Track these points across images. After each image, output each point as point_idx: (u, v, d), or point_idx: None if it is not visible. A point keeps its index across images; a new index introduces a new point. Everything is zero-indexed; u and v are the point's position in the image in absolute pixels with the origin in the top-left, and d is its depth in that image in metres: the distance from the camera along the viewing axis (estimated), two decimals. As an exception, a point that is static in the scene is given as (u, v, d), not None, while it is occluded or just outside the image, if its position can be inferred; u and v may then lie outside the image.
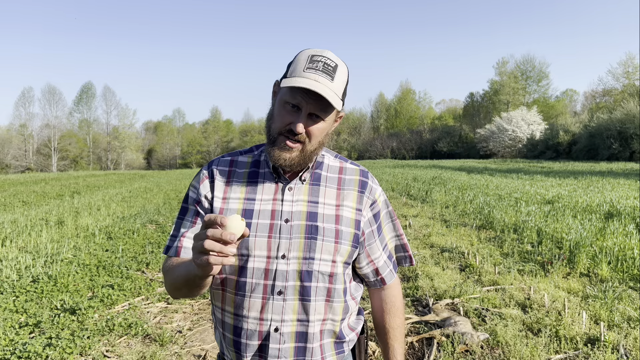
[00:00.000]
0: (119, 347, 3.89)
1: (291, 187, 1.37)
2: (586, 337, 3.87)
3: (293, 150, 1.29)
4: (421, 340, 3.94)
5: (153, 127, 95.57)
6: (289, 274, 1.31)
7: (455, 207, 11.25)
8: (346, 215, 1.38)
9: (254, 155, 1.45)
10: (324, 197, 1.38)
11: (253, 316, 1.32)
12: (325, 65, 1.26)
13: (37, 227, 8.94)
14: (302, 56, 1.28)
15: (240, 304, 1.33)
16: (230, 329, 1.37)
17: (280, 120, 1.29)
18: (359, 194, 1.42)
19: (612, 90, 55.38)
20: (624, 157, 37.39)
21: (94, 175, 35.53)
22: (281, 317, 1.32)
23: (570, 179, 18.82)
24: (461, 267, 6.09)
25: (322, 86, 1.23)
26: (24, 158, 64.29)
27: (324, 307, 1.35)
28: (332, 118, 1.34)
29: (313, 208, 1.36)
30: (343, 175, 1.44)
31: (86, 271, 5.78)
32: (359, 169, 1.48)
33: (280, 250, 1.31)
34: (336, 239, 1.35)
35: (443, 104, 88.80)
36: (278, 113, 1.30)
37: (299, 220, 1.33)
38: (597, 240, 6.89)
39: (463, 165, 35.34)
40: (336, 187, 1.41)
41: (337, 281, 1.37)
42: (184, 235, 1.38)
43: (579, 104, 73.06)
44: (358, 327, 1.51)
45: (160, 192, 17.21)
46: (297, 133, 1.27)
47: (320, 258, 1.33)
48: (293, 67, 1.28)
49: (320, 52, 1.28)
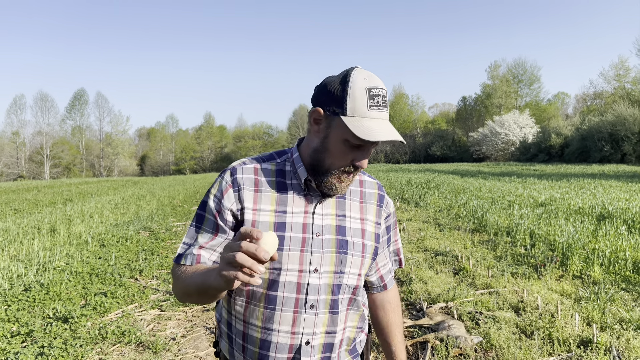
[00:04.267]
0: (112, 355, 3.86)
1: (321, 201, 1.36)
2: (579, 339, 3.89)
3: (349, 180, 1.31)
4: (415, 344, 3.94)
5: (146, 133, 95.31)
6: (320, 288, 1.31)
7: (448, 211, 11.28)
8: (369, 229, 1.42)
9: (277, 164, 1.39)
10: (350, 210, 1.40)
11: (284, 330, 1.31)
12: (383, 99, 1.25)
13: (29, 235, 8.89)
14: (359, 89, 1.22)
15: (271, 317, 1.31)
16: (255, 343, 1.34)
17: (342, 158, 1.27)
18: (377, 208, 1.47)
19: (603, 93, 55.82)
20: (615, 159, 37.66)
21: (86, 182, 35.36)
22: (312, 331, 1.32)
23: (563, 182, 18.92)
24: (455, 271, 6.11)
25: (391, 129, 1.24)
26: (16, 166, 63.89)
27: (345, 317, 1.39)
28: None
29: (341, 222, 1.37)
30: (364, 188, 1.47)
31: (79, 279, 5.74)
32: (375, 182, 1.53)
33: (313, 264, 1.31)
34: (363, 253, 1.38)
35: (436, 108, 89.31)
36: (337, 149, 1.26)
37: (329, 234, 1.34)
38: (589, 242, 6.93)
39: (456, 169, 35.47)
40: (359, 200, 1.44)
41: (359, 293, 1.42)
42: (203, 246, 1.32)
43: (571, 106, 73.71)
44: (366, 328, 1.56)
45: (154, 198, 17.15)
46: (363, 168, 1.30)
47: (349, 272, 1.36)
48: (352, 102, 1.21)
49: (373, 82, 1.24)
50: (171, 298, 5.24)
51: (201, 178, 37.72)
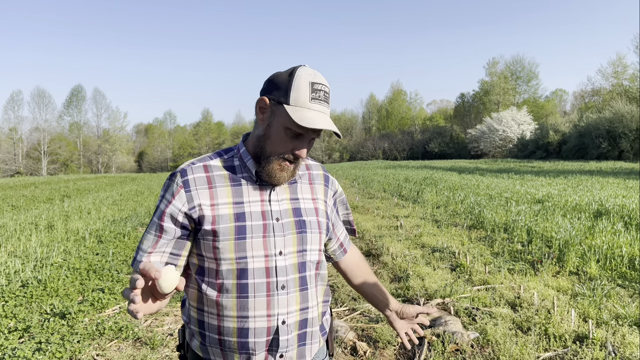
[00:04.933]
0: (109, 350, 3.87)
1: (275, 188, 1.43)
2: (575, 334, 3.90)
3: (290, 169, 1.38)
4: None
5: (144, 129, 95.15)
6: (288, 268, 1.38)
7: (446, 207, 11.30)
8: (321, 207, 1.53)
9: (225, 160, 1.44)
10: (301, 193, 1.49)
11: (260, 314, 1.35)
12: (325, 94, 1.34)
13: (27, 231, 8.88)
14: (303, 83, 1.31)
15: (245, 305, 1.35)
16: (233, 333, 1.37)
17: (282, 146, 1.34)
18: (324, 187, 1.58)
19: (601, 90, 55.91)
20: (612, 156, 37.74)
21: (84, 178, 35.30)
22: (287, 310, 1.38)
23: (560, 178, 18.96)
24: (452, 267, 6.12)
25: (331, 122, 1.33)
26: (13, 162, 63.75)
27: (316, 293, 1.47)
28: None
29: (296, 204, 1.46)
30: (311, 171, 1.57)
31: (76, 275, 5.74)
32: (319, 164, 1.64)
33: (277, 247, 1.37)
34: (319, 229, 1.48)
35: (434, 105, 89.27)
36: (278, 136, 1.34)
37: (287, 218, 1.41)
38: (586, 238, 6.95)
39: (454, 166, 35.50)
40: (308, 182, 1.53)
41: (321, 267, 1.51)
42: (151, 252, 1.37)
43: (569, 103, 73.78)
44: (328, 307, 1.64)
45: (152, 195, 17.14)
46: (301, 158, 1.37)
47: (311, 249, 1.45)
48: (295, 94, 1.30)
49: (317, 78, 1.33)
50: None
51: (199, 174, 37.64)
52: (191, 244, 1.41)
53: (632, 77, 50.95)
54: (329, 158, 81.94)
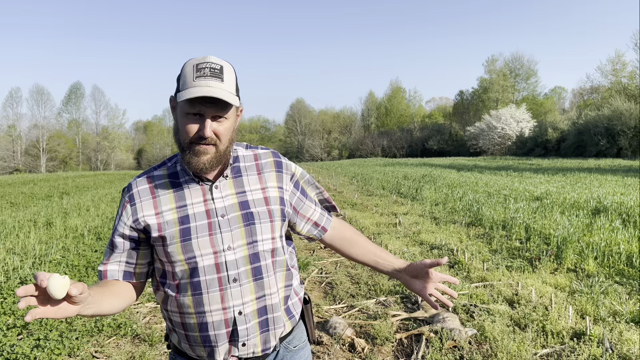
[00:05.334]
0: (108, 347, 3.88)
1: (217, 185, 1.45)
2: (572, 331, 3.92)
3: (208, 151, 1.37)
4: (410, 337, 3.97)
5: (143, 127, 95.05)
6: (238, 262, 1.41)
7: (444, 205, 11.31)
8: (272, 195, 1.52)
9: (168, 168, 1.50)
10: (248, 185, 1.50)
11: (215, 308, 1.40)
12: (212, 70, 1.34)
13: (25, 228, 8.88)
14: (188, 67, 1.35)
15: (200, 301, 1.40)
16: (195, 328, 1.43)
17: (187, 131, 1.36)
18: (277, 173, 1.56)
19: (599, 87, 55.91)
20: (611, 153, 37.76)
21: (83, 175, 35.26)
22: (242, 301, 1.42)
23: (559, 176, 18.99)
24: (450, 264, 6.13)
25: (216, 90, 1.31)
26: (12, 159, 63.67)
27: (275, 280, 1.48)
28: (233, 114, 1.42)
29: (242, 198, 1.47)
30: (259, 161, 1.56)
31: (75, 272, 5.75)
32: (269, 152, 1.61)
33: (225, 243, 1.41)
34: (270, 218, 1.48)
35: (433, 102, 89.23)
36: (183, 125, 1.37)
37: (233, 212, 1.43)
38: (584, 236, 6.97)
39: (453, 163, 35.53)
40: (256, 173, 1.53)
41: (277, 254, 1.50)
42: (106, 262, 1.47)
43: (568, 101, 73.82)
44: (301, 293, 1.65)
45: (150, 192, 17.13)
46: (207, 137, 1.34)
47: (262, 239, 1.45)
48: (182, 79, 1.35)
49: (204, 59, 1.36)
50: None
51: (198, 172, 37.63)
52: (147, 252, 1.49)
53: (631, 74, 50.98)
54: (327, 155, 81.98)
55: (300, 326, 1.63)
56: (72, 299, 1.13)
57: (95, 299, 1.26)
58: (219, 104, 1.33)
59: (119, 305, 1.40)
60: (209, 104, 1.33)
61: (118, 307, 1.40)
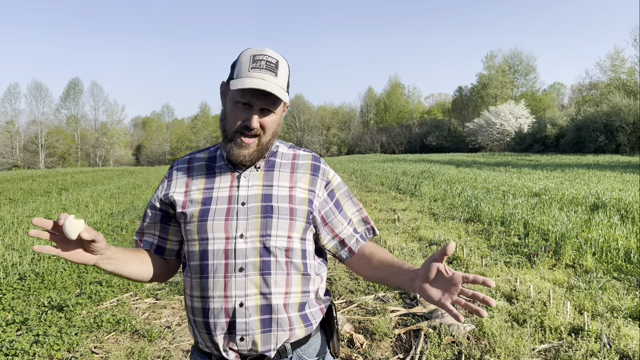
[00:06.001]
0: (107, 343, 3.88)
1: (246, 175, 1.47)
2: (570, 327, 3.93)
3: (250, 146, 1.41)
4: (408, 333, 3.98)
5: (141, 123, 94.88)
6: (247, 251, 1.40)
7: (443, 201, 11.32)
8: (299, 195, 1.48)
9: (210, 152, 1.57)
10: (277, 180, 1.49)
11: (218, 295, 1.40)
12: (268, 63, 1.38)
13: (24, 224, 8.88)
14: (245, 57, 1.39)
15: (205, 285, 1.41)
16: (199, 313, 1.44)
17: (234, 119, 1.40)
18: (311, 177, 1.53)
19: (598, 83, 55.86)
20: (610, 149, 37.77)
21: (82, 171, 35.22)
22: (244, 292, 1.39)
23: (557, 172, 19.00)
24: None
25: (269, 84, 1.35)
26: (10, 155, 63.54)
27: (286, 281, 1.43)
28: (280, 110, 1.46)
29: (267, 190, 1.46)
30: (296, 160, 1.55)
31: (74, 268, 5.75)
32: (311, 154, 1.59)
33: (238, 230, 1.41)
34: (291, 216, 1.45)
35: (432, 98, 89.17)
36: (231, 112, 1.41)
37: (254, 202, 1.44)
38: (582, 231, 6.98)
39: (452, 159, 35.53)
40: (289, 171, 1.52)
41: (294, 255, 1.45)
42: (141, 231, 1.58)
43: (566, 97, 73.70)
44: (324, 304, 1.57)
45: (149, 188, 17.13)
46: (252, 128, 1.38)
47: (277, 234, 1.42)
48: (238, 68, 1.38)
49: (261, 51, 1.40)
50: (166, 287, 5.25)
51: (197, 168, 37.57)
52: (178, 229, 1.55)
53: (630, 70, 50.92)
54: (327, 151, 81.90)
55: (319, 337, 1.54)
56: (90, 247, 1.23)
57: (116, 257, 1.35)
58: (270, 98, 1.37)
59: (142, 271, 1.46)
60: (260, 96, 1.36)
61: (142, 273, 1.46)
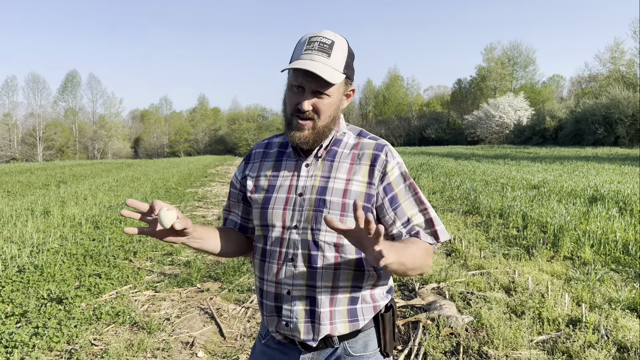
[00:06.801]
0: (106, 335, 3.89)
1: (308, 164, 1.47)
2: (568, 318, 3.95)
3: (305, 128, 1.39)
4: (407, 324, 3.99)
5: (140, 115, 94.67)
6: (299, 243, 1.42)
7: (442, 193, 11.33)
8: (355, 189, 1.42)
9: (284, 137, 1.58)
10: (336, 172, 1.45)
11: (271, 279, 1.46)
12: (321, 44, 1.35)
13: (23, 217, 8.87)
14: (302, 40, 1.39)
15: (263, 268, 1.48)
16: (258, 292, 1.53)
17: (289, 103, 1.41)
18: (370, 168, 1.45)
19: (598, 75, 55.74)
20: (608, 142, 37.79)
21: (80, 164, 35.17)
22: (292, 282, 1.43)
23: (556, 164, 19.01)
24: (447, 252, 6.16)
25: (316, 64, 1.32)
26: (8, 148, 63.41)
27: (332, 276, 1.42)
28: (338, 92, 1.41)
29: (324, 182, 1.44)
30: (359, 150, 1.48)
31: (73, 260, 5.75)
32: (375, 142, 1.50)
33: (294, 221, 1.43)
34: (342, 212, 1.41)
35: (431, 91, 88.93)
36: (287, 96, 1.42)
37: (310, 194, 1.43)
38: (580, 224, 6.99)
39: (451, 152, 35.53)
40: (349, 162, 1.46)
41: (345, 251, 1.42)
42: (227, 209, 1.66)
43: (566, 89, 73.59)
44: (381, 301, 1.50)
45: (148, 181, 17.11)
46: (305, 111, 1.37)
47: (327, 229, 1.40)
48: (295, 51, 1.40)
49: (318, 33, 1.38)
50: (165, 279, 5.26)
51: (195, 160, 37.60)
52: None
53: (630, 62, 50.82)
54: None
55: (370, 334, 1.50)
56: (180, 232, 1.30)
57: (202, 236, 1.41)
58: (319, 79, 1.33)
59: (225, 248, 1.53)
60: (309, 78, 1.34)
61: (224, 250, 1.53)
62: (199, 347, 3.74)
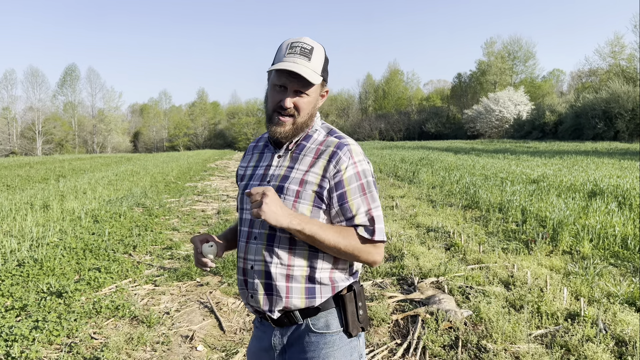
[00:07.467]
0: (106, 328, 3.90)
1: (280, 155, 1.65)
2: (567, 312, 3.96)
3: (286, 124, 1.56)
4: (406, 318, 4.00)
5: (139, 109, 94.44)
6: (261, 223, 1.60)
7: (441, 188, 11.33)
8: (310, 179, 1.56)
9: None
10: (299, 163, 1.60)
11: (241, 256, 1.66)
12: (302, 49, 1.53)
13: (22, 211, 8.87)
14: (284, 45, 1.56)
15: (239, 247, 1.68)
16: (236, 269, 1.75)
17: (272, 100, 1.58)
18: (327, 163, 1.56)
19: (598, 70, 55.60)
20: (608, 136, 37.75)
21: (79, 158, 35.14)
22: (254, 257, 1.60)
23: (556, 159, 19.01)
24: (446, 246, 6.17)
25: (299, 66, 1.49)
26: (7, 142, 63.34)
27: (288, 254, 1.57)
28: (316, 92, 1.59)
29: (288, 172, 1.60)
30: (323, 146, 1.61)
31: (72, 254, 5.76)
32: (338, 141, 1.60)
33: None
34: (295, 198, 1.55)
35: (431, 85, 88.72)
36: (270, 94, 1.59)
37: (275, 182, 1.60)
38: (579, 218, 7.00)
39: (450, 146, 35.50)
40: (312, 156, 1.60)
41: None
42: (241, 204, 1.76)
43: (566, 84, 73.46)
44: (341, 282, 1.62)
45: (147, 175, 17.10)
46: (286, 108, 1.54)
47: None
48: (277, 55, 1.57)
49: (298, 39, 1.56)
50: (165, 273, 5.27)
51: (195, 155, 37.56)
52: None
53: (630, 57, 50.68)
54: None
55: (332, 313, 1.61)
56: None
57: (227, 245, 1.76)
58: (302, 80, 1.50)
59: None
60: (292, 78, 1.51)
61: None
62: (199, 340, 3.75)
